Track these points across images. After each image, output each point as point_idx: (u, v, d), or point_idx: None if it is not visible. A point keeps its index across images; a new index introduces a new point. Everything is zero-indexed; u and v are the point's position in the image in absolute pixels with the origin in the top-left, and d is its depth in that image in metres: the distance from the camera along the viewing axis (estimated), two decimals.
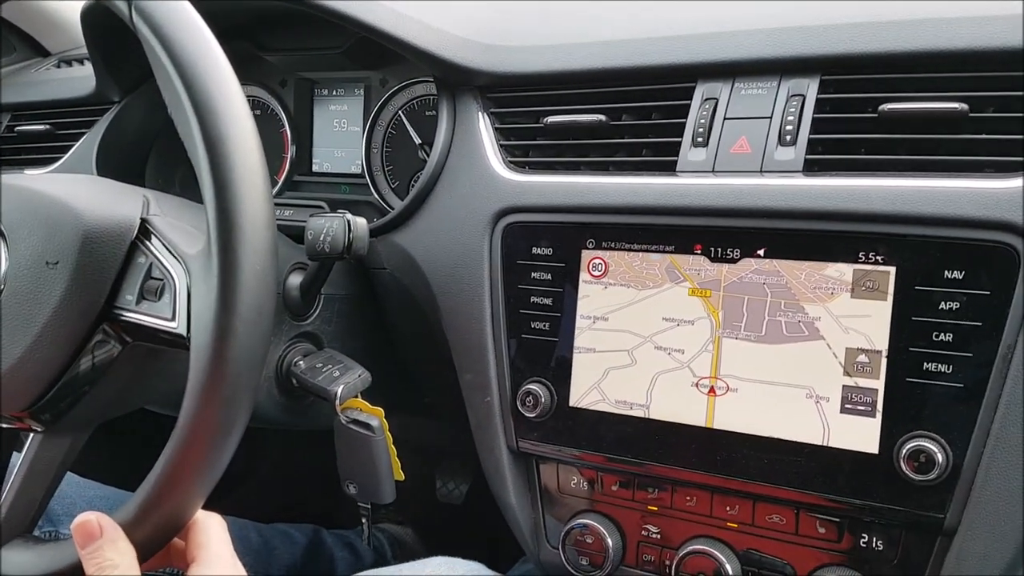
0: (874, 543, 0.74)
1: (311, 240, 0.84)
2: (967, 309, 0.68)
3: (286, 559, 1.18)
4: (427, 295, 0.94)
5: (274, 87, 1.17)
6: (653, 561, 0.84)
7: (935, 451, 0.68)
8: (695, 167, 0.81)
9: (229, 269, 0.59)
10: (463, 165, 0.93)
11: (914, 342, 0.69)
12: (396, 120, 1.09)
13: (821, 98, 0.77)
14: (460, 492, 1.49)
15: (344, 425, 0.87)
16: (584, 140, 0.89)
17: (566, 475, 0.88)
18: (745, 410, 0.76)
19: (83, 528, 0.60)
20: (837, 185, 0.73)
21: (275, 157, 1.17)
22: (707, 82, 0.83)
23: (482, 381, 0.89)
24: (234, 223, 0.59)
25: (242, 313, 0.59)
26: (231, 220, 0.59)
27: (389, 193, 1.09)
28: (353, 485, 0.90)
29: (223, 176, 0.59)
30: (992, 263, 0.67)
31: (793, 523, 0.77)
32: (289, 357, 0.90)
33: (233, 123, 0.61)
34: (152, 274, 0.68)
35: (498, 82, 0.93)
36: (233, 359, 0.58)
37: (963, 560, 0.69)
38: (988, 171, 0.70)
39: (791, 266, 0.74)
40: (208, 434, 0.59)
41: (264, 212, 0.61)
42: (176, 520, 0.62)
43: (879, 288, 0.70)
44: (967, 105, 0.71)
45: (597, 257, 0.83)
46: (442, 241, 0.93)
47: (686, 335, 0.78)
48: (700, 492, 0.81)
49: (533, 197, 0.87)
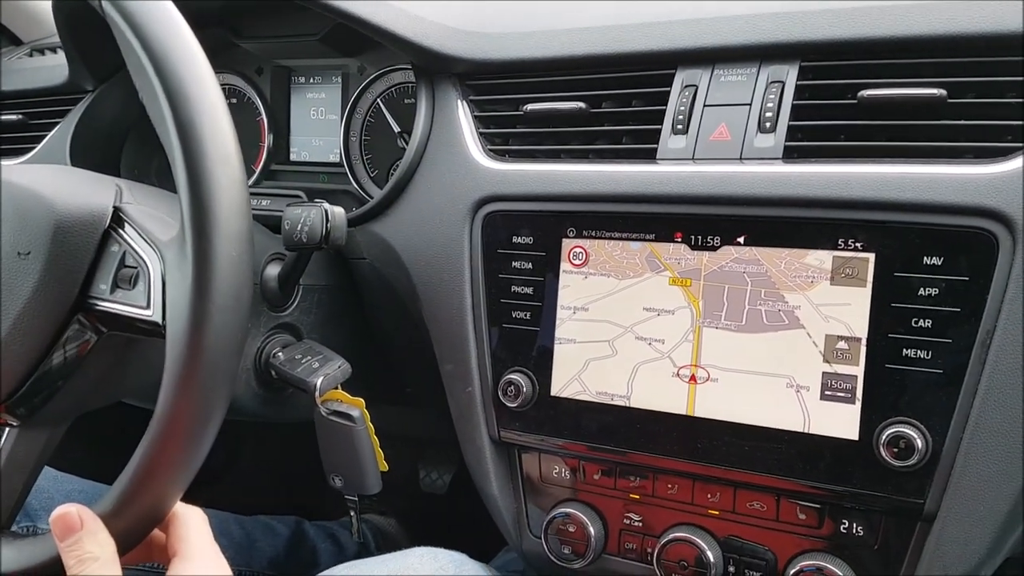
0: (854, 529, 0.74)
1: (288, 230, 0.83)
2: (946, 295, 0.68)
3: (268, 552, 1.17)
4: (407, 285, 0.94)
5: (250, 75, 1.16)
6: (635, 549, 0.84)
7: (915, 437, 0.68)
8: (675, 155, 0.80)
9: (204, 255, 0.58)
10: (442, 153, 0.93)
11: (893, 328, 0.69)
12: (375, 108, 1.08)
13: (800, 84, 0.77)
14: (444, 482, 1.49)
15: (324, 417, 0.87)
16: (564, 128, 0.88)
17: (548, 464, 0.88)
18: (726, 398, 0.76)
19: (62, 520, 0.59)
20: (816, 172, 0.73)
21: (252, 146, 1.15)
22: (687, 69, 0.82)
23: (463, 371, 0.89)
24: (208, 208, 0.58)
25: (218, 299, 0.58)
26: (205, 205, 0.58)
27: (368, 182, 1.08)
28: (339, 478, 0.89)
29: (196, 162, 0.58)
30: (971, 249, 0.67)
31: (774, 510, 0.77)
32: (268, 349, 0.89)
33: (206, 108, 0.60)
34: (126, 262, 0.68)
35: (477, 69, 0.93)
36: (210, 346, 0.58)
37: (943, 545, 0.70)
38: (968, 157, 0.70)
39: (771, 254, 0.74)
40: (186, 422, 0.58)
41: (239, 197, 0.60)
42: (156, 511, 0.61)
43: (858, 275, 0.70)
44: (946, 91, 0.71)
45: (578, 246, 0.82)
46: (422, 230, 0.92)
47: (666, 325, 0.78)
48: (681, 480, 0.81)
49: (513, 186, 0.86)
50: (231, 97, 1.17)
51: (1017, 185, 0.66)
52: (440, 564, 0.87)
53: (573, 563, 0.84)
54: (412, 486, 1.51)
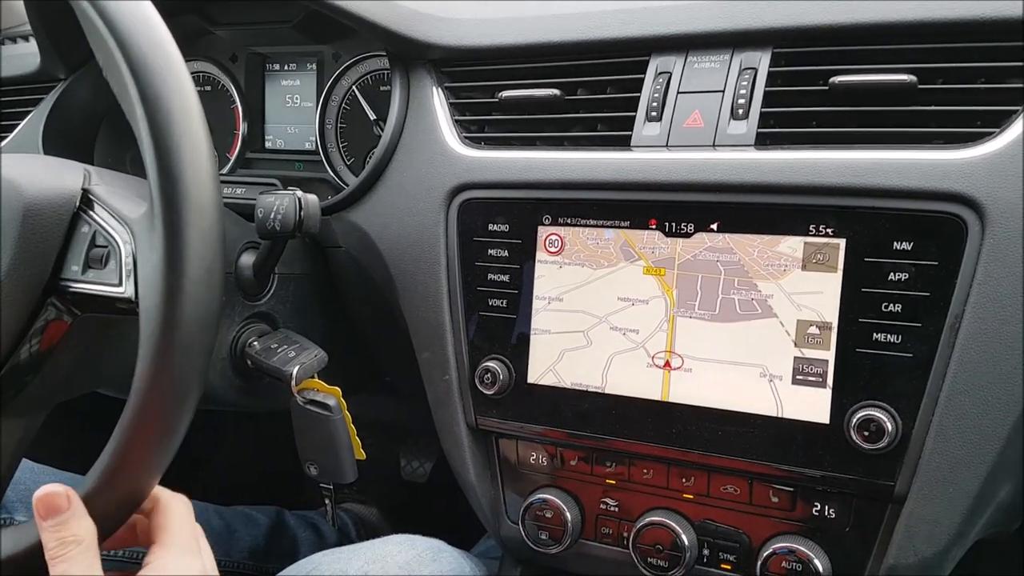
0: (827, 511, 0.75)
1: (261, 218, 0.83)
2: (916, 280, 0.68)
3: (248, 541, 1.17)
4: (383, 273, 0.94)
5: (224, 62, 1.15)
6: (611, 534, 0.84)
7: (885, 420, 0.69)
8: (649, 142, 0.80)
9: (174, 228, 0.57)
10: (418, 141, 0.92)
11: (864, 313, 0.70)
12: (350, 95, 1.07)
13: (773, 71, 0.77)
14: (424, 470, 1.49)
15: (301, 406, 0.86)
16: (539, 115, 0.88)
17: (525, 451, 0.88)
18: (699, 386, 0.76)
19: (48, 500, 0.57)
20: (788, 158, 0.73)
21: (226, 134, 1.14)
22: (660, 56, 0.82)
23: (440, 359, 0.89)
24: (176, 180, 0.57)
25: (190, 271, 0.57)
26: (173, 177, 0.57)
27: (344, 170, 1.08)
28: (314, 466, 0.89)
29: (163, 134, 0.58)
30: (940, 234, 0.68)
31: (747, 493, 0.78)
32: (243, 338, 0.89)
33: (171, 80, 0.59)
34: (96, 242, 0.67)
35: (452, 56, 0.92)
36: (184, 319, 0.57)
37: (913, 526, 0.71)
38: (937, 143, 0.71)
39: (744, 242, 0.74)
40: (163, 398, 0.58)
41: (207, 169, 0.59)
42: (135, 493, 0.60)
43: (829, 261, 0.71)
44: (916, 77, 0.71)
45: (553, 233, 0.83)
46: (398, 218, 0.92)
47: (641, 315, 0.78)
48: (657, 465, 0.81)
49: (489, 173, 0.86)
50: (205, 85, 1.16)
51: (986, 170, 0.67)
52: (418, 551, 0.87)
53: (550, 548, 0.85)
54: (393, 475, 1.51)
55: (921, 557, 0.71)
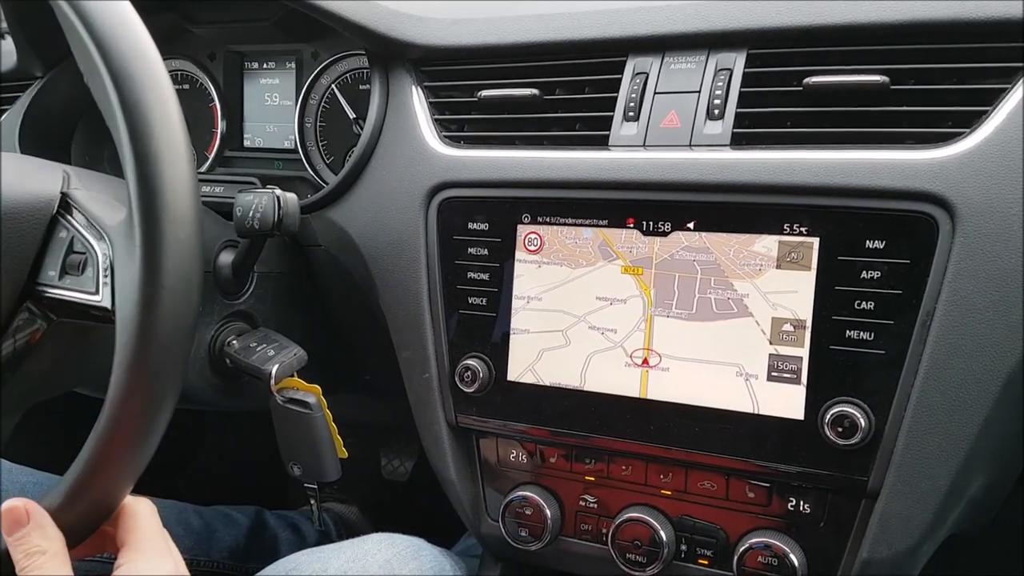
0: (802, 506, 0.76)
1: (240, 217, 0.82)
2: (888, 278, 0.69)
3: (228, 541, 1.17)
4: (363, 272, 0.94)
5: (203, 61, 1.14)
6: (591, 530, 0.85)
7: (858, 416, 0.70)
8: (627, 141, 0.81)
9: (152, 238, 0.57)
10: (397, 140, 0.92)
11: (837, 311, 0.71)
12: (329, 94, 1.07)
13: (748, 72, 0.78)
14: (405, 469, 1.49)
15: (281, 405, 0.86)
16: (518, 114, 0.89)
17: (505, 449, 0.88)
18: (677, 384, 0.77)
19: (9, 515, 0.59)
20: (763, 158, 0.74)
21: (205, 132, 1.14)
22: (638, 56, 0.83)
23: (420, 358, 0.89)
24: (155, 191, 0.57)
25: (167, 283, 0.57)
26: (152, 188, 0.57)
27: (324, 168, 1.08)
28: (297, 466, 0.89)
29: (143, 143, 0.57)
30: (912, 233, 0.69)
31: (724, 489, 0.79)
32: (222, 337, 0.89)
33: (152, 89, 0.59)
34: (74, 248, 0.67)
35: (431, 55, 0.92)
36: (160, 331, 0.57)
37: (887, 521, 0.72)
38: (909, 143, 0.72)
39: (720, 241, 0.75)
40: (137, 409, 0.57)
41: (186, 179, 0.59)
42: (106, 503, 0.61)
43: (803, 260, 0.72)
44: (888, 78, 0.72)
45: (533, 232, 0.83)
46: (377, 217, 0.92)
47: (619, 314, 0.79)
48: (635, 462, 0.82)
49: (468, 172, 0.87)
50: (183, 83, 1.16)
51: (957, 170, 0.68)
52: (398, 550, 0.87)
53: (530, 545, 0.85)
54: (374, 474, 1.51)
55: (894, 551, 0.72)
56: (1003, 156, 0.67)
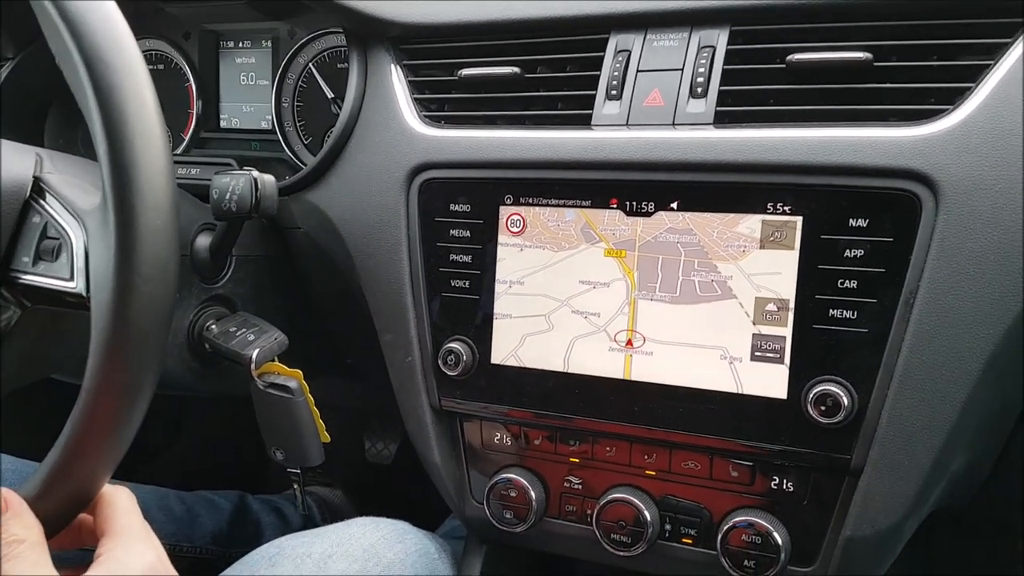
0: (785, 485, 0.76)
1: (216, 199, 0.81)
2: (871, 256, 0.69)
3: (211, 526, 1.16)
4: (344, 255, 0.92)
5: (177, 40, 1.12)
6: (575, 511, 0.85)
7: (841, 395, 0.70)
8: (609, 120, 0.80)
9: (127, 223, 0.56)
10: (377, 120, 0.91)
11: (820, 290, 0.71)
12: (307, 73, 1.05)
13: (731, 49, 0.77)
14: (389, 452, 1.49)
15: (262, 390, 0.85)
16: (500, 93, 0.87)
17: (490, 432, 0.88)
18: (661, 367, 0.77)
19: None
20: (746, 137, 0.73)
21: (180, 113, 1.12)
22: (620, 33, 0.82)
23: (403, 341, 0.88)
24: (130, 176, 0.56)
25: (143, 269, 0.56)
26: (127, 173, 0.56)
27: (302, 149, 1.06)
28: (280, 451, 0.88)
29: (116, 127, 0.57)
30: (895, 210, 0.69)
31: (708, 469, 0.79)
32: (201, 321, 0.88)
33: (125, 71, 0.58)
34: (48, 233, 0.66)
35: (410, 33, 0.91)
36: (136, 317, 0.56)
37: (870, 498, 0.72)
38: (892, 120, 0.72)
39: (704, 222, 0.74)
40: (114, 397, 0.57)
41: (161, 163, 0.58)
42: (84, 491, 0.60)
43: (787, 239, 0.71)
44: (872, 55, 0.72)
45: (515, 213, 0.82)
46: (357, 199, 0.91)
47: (602, 297, 0.79)
48: (620, 443, 0.82)
49: (449, 152, 0.86)
50: (157, 63, 1.14)
51: (940, 147, 0.68)
52: (382, 533, 0.87)
53: (515, 527, 0.85)
54: (357, 457, 1.50)
55: (877, 529, 0.73)
56: (986, 133, 0.67)
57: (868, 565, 0.76)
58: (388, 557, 0.84)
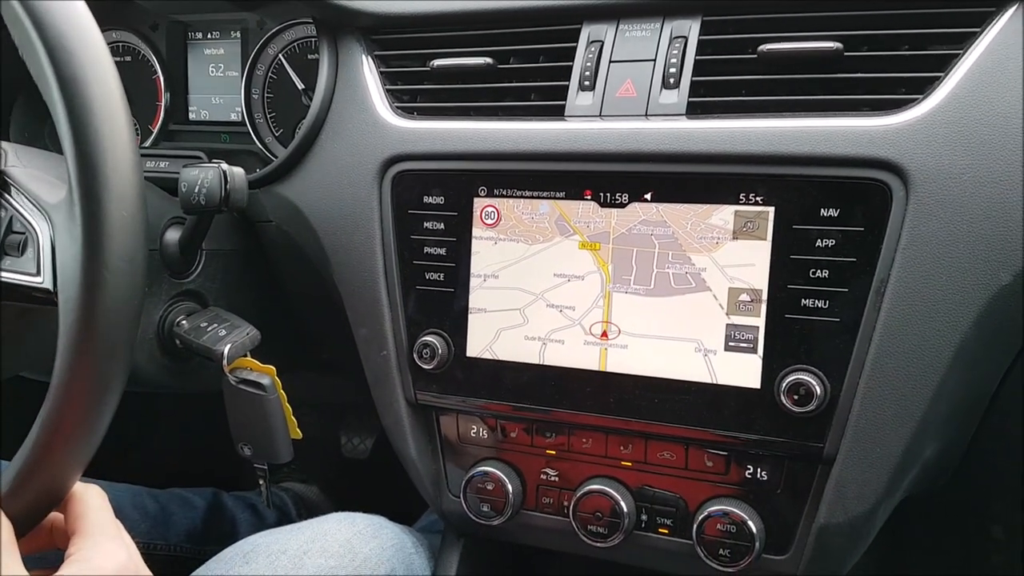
0: (759, 474, 0.77)
1: (185, 192, 0.80)
2: (842, 246, 0.70)
3: (185, 524, 1.15)
4: (316, 248, 0.92)
5: (144, 31, 1.10)
6: (552, 503, 0.85)
7: (813, 384, 0.70)
8: (583, 111, 0.80)
9: (93, 217, 0.56)
10: (348, 111, 0.90)
11: (792, 280, 0.71)
12: (277, 64, 1.04)
13: (703, 40, 0.77)
14: (366, 447, 1.48)
15: (233, 386, 0.84)
16: (472, 84, 0.87)
17: (466, 425, 0.88)
18: (636, 360, 0.77)
19: None
20: (718, 127, 0.73)
21: (148, 106, 1.10)
22: (592, 24, 0.82)
23: (377, 335, 0.88)
24: (96, 168, 0.56)
25: (110, 263, 0.56)
26: (93, 165, 0.56)
27: (273, 141, 1.05)
28: (247, 446, 0.87)
29: (82, 119, 0.56)
30: (865, 200, 0.69)
31: (683, 459, 0.79)
32: (171, 317, 0.87)
33: (90, 62, 0.57)
34: (13, 228, 0.65)
35: (381, 23, 0.90)
36: (104, 312, 0.56)
37: (842, 486, 0.73)
38: (863, 110, 0.72)
39: (677, 214, 0.74)
40: (83, 393, 0.57)
41: (128, 153, 0.58)
42: (55, 489, 0.60)
43: (759, 230, 0.72)
44: (842, 44, 0.72)
45: (489, 205, 0.82)
46: (330, 191, 0.90)
47: (577, 291, 0.78)
48: (596, 434, 0.82)
49: (422, 144, 0.85)
50: (125, 55, 1.12)
51: (909, 137, 0.68)
52: (358, 528, 0.86)
53: (492, 520, 0.85)
54: (334, 452, 1.49)
55: (850, 516, 0.73)
56: (956, 122, 0.68)
57: (841, 552, 0.76)
58: (364, 552, 0.84)
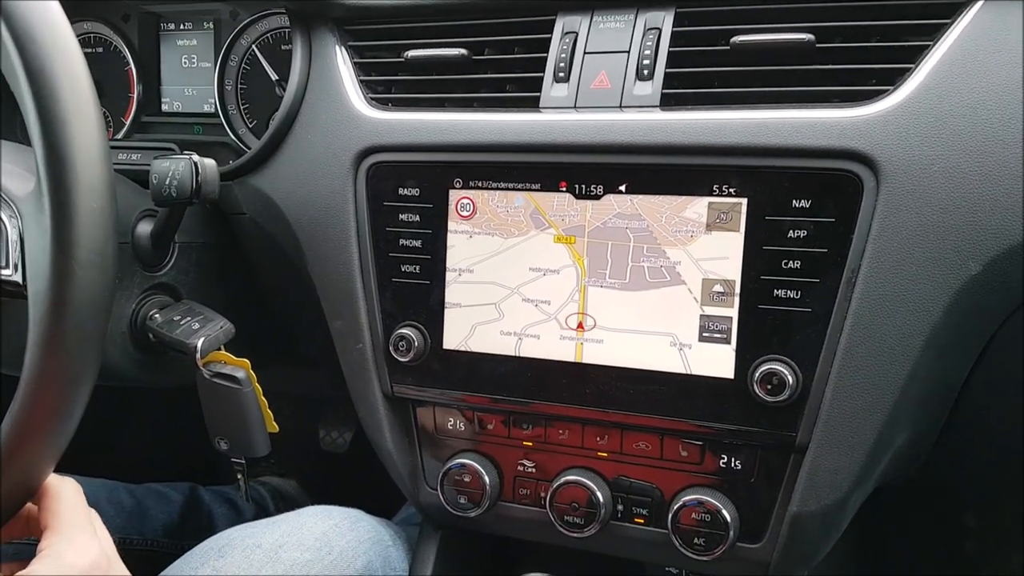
0: (733, 463, 0.77)
1: (156, 185, 0.79)
2: (814, 237, 0.70)
3: (162, 519, 1.14)
4: (291, 240, 0.91)
5: (116, 22, 1.09)
6: (529, 495, 0.85)
7: (786, 373, 0.71)
8: (557, 103, 0.80)
9: (62, 208, 0.55)
10: (322, 102, 0.89)
11: (765, 271, 0.71)
12: (250, 55, 1.03)
13: (676, 31, 0.77)
14: (344, 440, 1.47)
15: (208, 380, 0.84)
16: (447, 75, 0.86)
17: (443, 417, 0.88)
18: (611, 353, 0.77)
19: None
20: (691, 119, 0.73)
21: (121, 98, 1.09)
22: (567, 15, 0.81)
23: (353, 328, 0.87)
24: (65, 159, 0.56)
25: (80, 255, 0.56)
26: (61, 156, 0.56)
27: (247, 133, 1.04)
28: (224, 441, 0.87)
29: (49, 110, 0.56)
30: (837, 191, 0.70)
31: (659, 449, 0.79)
32: (144, 310, 0.86)
33: (58, 53, 0.56)
34: None
35: (355, 14, 0.89)
36: (74, 303, 0.56)
37: (815, 474, 0.74)
38: (835, 101, 0.72)
39: (652, 207, 0.74)
40: (54, 387, 0.57)
41: (97, 146, 0.57)
42: (27, 482, 0.59)
43: (732, 221, 0.72)
44: (814, 36, 0.73)
45: (465, 197, 0.81)
46: (304, 183, 0.89)
47: (552, 285, 0.78)
48: (572, 425, 0.82)
49: (397, 135, 0.84)
50: (96, 46, 1.10)
51: (880, 128, 0.69)
52: (334, 521, 0.86)
53: (469, 512, 0.85)
54: (312, 446, 1.49)
55: (823, 504, 0.74)
56: (926, 113, 0.68)
57: (815, 539, 0.77)
58: (340, 545, 0.84)
